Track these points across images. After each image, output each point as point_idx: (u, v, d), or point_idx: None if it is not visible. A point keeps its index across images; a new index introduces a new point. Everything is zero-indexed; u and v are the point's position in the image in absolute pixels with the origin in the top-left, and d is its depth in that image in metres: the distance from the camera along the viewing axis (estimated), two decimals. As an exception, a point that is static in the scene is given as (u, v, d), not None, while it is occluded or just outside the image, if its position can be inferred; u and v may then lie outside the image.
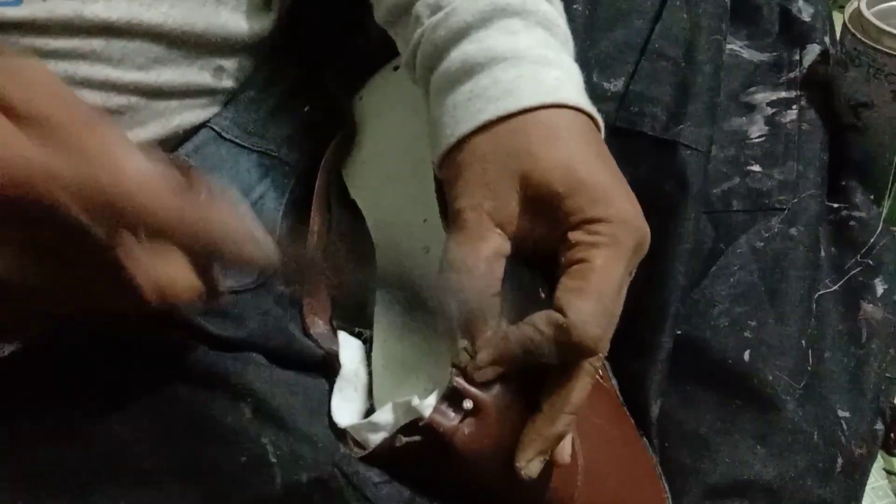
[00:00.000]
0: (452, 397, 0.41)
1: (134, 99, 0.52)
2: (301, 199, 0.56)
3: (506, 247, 0.43)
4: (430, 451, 0.41)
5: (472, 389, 0.40)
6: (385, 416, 0.43)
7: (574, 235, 0.41)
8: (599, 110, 0.45)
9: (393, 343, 0.47)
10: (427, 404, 0.41)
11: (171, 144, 0.56)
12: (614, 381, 0.54)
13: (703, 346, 0.56)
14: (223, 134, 0.56)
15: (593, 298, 0.40)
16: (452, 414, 0.40)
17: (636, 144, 0.55)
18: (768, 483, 0.53)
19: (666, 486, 0.53)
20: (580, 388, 0.41)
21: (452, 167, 0.44)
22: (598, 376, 0.52)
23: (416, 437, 0.41)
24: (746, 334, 0.56)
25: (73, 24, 0.48)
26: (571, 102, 0.43)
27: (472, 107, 0.44)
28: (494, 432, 0.41)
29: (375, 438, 0.43)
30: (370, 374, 0.46)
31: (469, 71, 0.45)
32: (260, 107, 0.58)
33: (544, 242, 0.43)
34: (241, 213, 0.38)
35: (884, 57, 0.61)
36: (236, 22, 0.56)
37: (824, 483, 0.55)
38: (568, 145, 0.42)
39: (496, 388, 0.41)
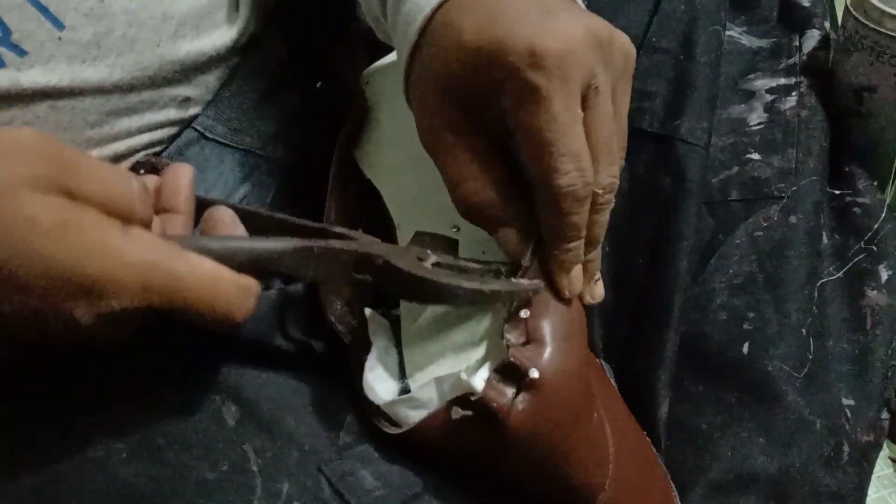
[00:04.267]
0: (507, 371, 0.40)
1: (89, 152, 0.49)
2: (286, 197, 0.56)
3: (484, 148, 0.43)
4: (478, 427, 0.40)
5: (529, 363, 0.40)
6: (428, 392, 0.42)
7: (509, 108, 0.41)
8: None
9: (424, 321, 0.46)
10: (479, 378, 0.40)
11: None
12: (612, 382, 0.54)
13: (702, 341, 0.56)
14: (207, 134, 0.55)
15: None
16: (506, 389, 0.40)
17: (634, 140, 0.54)
18: (773, 475, 0.53)
19: (671, 482, 0.53)
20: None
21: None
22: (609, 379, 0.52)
23: (469, 412, 0.40)
24: (745, 326, 0.55)
25: (9, 93, 0.45)
26: None
27: (395, 41, 0.46)
28: (546, 410, 0.40)
29: (416, 415, 0.42)
30: (400, 353, 0.45)
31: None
32: (244, 101, 0.57)
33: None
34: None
35: (887, 40, 0.59)
36: (199, 47, 0.53)
37: (831, 472, 0.54)
38: (460, 37, 0.41)
39: (549, 364, 0.40)
